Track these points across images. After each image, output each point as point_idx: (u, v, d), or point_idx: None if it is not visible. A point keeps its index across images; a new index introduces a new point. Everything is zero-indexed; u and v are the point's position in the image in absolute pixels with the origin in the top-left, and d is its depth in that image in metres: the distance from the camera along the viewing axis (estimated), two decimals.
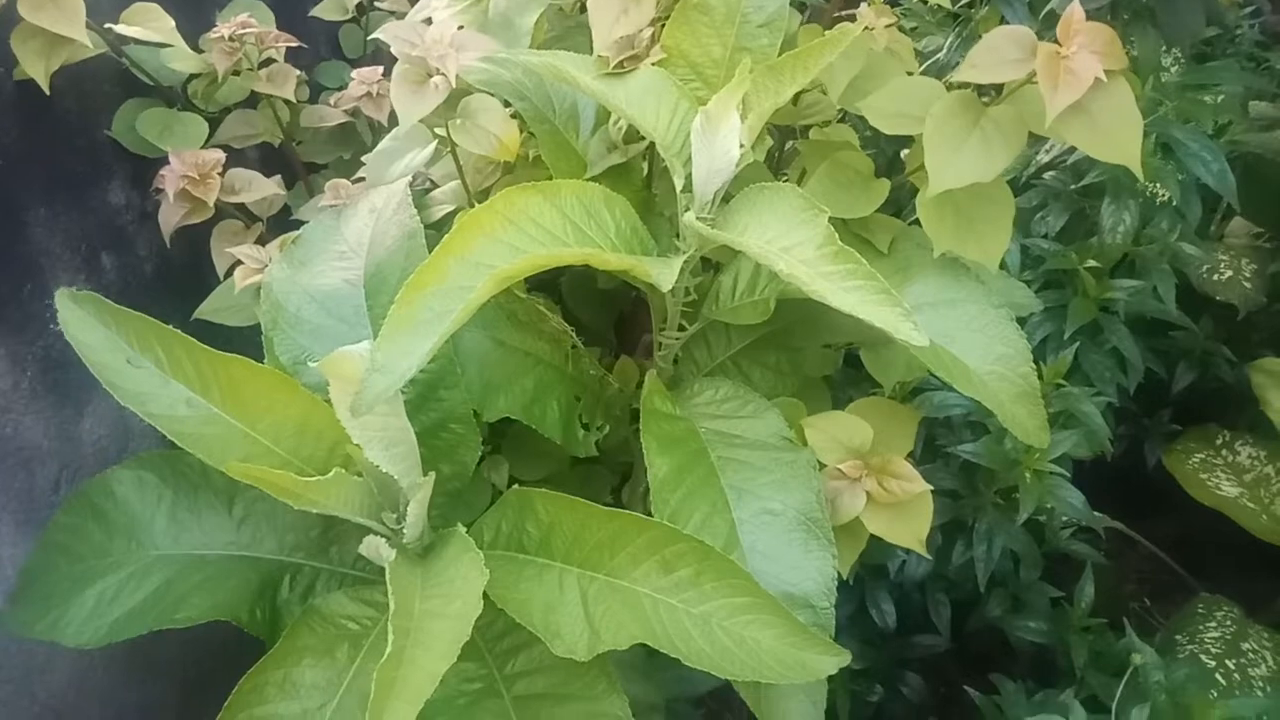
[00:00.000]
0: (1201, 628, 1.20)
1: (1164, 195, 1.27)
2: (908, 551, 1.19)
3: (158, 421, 0.74)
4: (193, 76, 1.05)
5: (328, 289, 0.84)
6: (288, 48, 1.07)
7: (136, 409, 0.74)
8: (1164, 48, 1.21)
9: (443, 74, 0.77)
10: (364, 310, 0.84)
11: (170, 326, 0.77)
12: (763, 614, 0.69)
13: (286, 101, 1.08)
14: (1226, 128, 1.36)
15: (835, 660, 0.68)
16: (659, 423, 0.80)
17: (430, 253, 0.65)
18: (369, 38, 1.29)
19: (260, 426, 0.76)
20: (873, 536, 0.80)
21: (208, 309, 0.96)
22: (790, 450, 0.80)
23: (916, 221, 0.79)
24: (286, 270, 0.86)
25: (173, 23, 0.95)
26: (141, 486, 0.82)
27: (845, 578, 0.77)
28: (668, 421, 0.81)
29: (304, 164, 1.15)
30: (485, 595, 0.66)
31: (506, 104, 0.87)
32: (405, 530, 0.73)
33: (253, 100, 1.10)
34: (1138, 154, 0.69)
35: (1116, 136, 0.69)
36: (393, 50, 0.78)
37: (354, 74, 1.03)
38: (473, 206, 0.79)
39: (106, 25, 0.93)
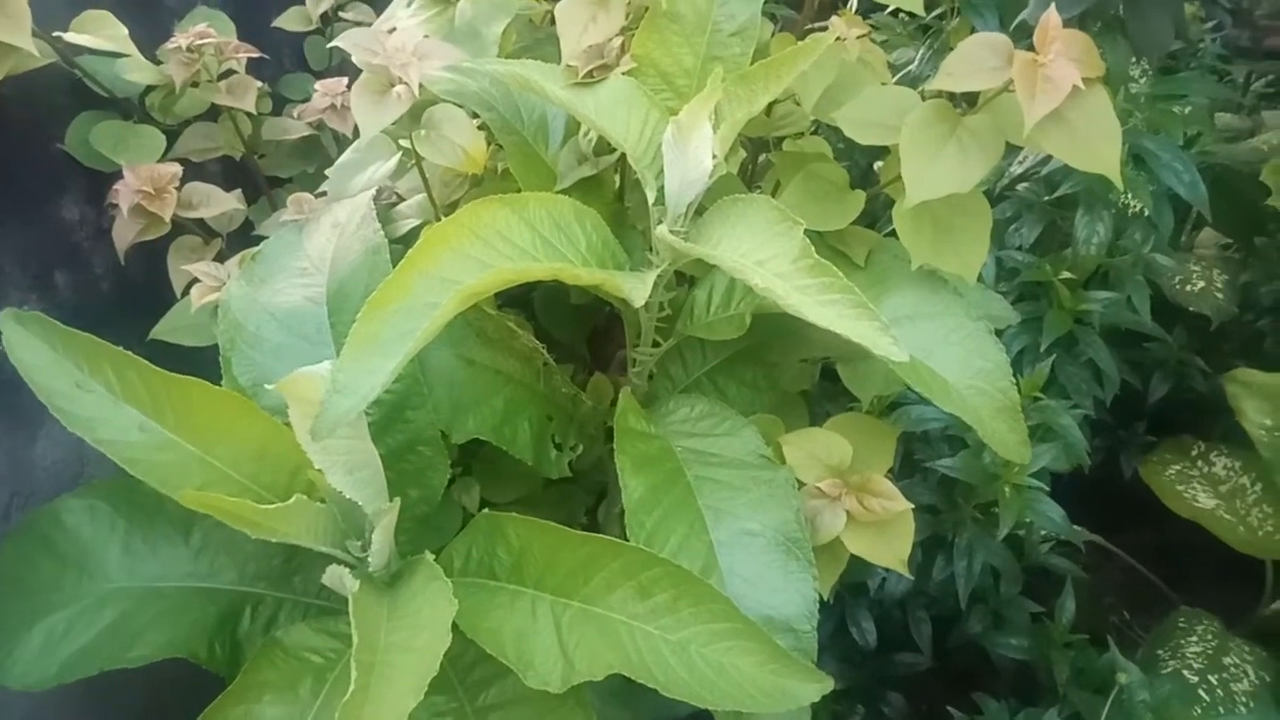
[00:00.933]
0: (1183, 642, 1.19)
1: (1136, 206, 1.27)
2: (888, 569, 1.17)
3: (109, 448, 0.71)
4: (150, 88, 1.02)
5: (289, 307, 0.81)
6: (250, 59, 1.05)
7: (86, 435, 0.71)
8: (1132, 59, 1.21)
9: (405, 83, 0.75)
10: (327, 329, 0.81)
11: (121, 348, 0.73)
12: (742, 640, 0.67)
13: (248, 114, 1.06)
14: (1196, 139, 1.37)
15: (818, 687, 0.66)
16: (634, 442, 0.78)
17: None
18: (328, 45, 1.27)
19: (217, 452, 0.73)
20: (852, 554, 0.78)
21: (164, 329, 0.93)
22: (768, 469, 0.78)
23: (892, 234, 0.78)
24: (245, 288, 0.83)
25: (126, 31, 0.92)
26: (93, 515, 0.78)
27: (825, 597, 0.76)
28: (643, 440, 0.79)
29: (267, 178, 1.12)
30: (455, 625, 0.63)
31: (474, 115, 0.85)
32: (370, 558, 0.70)
33: (213, 113, 1.07)
34: (1117, 163, 0.68)
35: (1095, 145, 0.68)
36: (354, 58, 0.76)
37: (317, 85, 1.01)
38: (439, 221, 0.76)
39: (56, 33, 0.90)
